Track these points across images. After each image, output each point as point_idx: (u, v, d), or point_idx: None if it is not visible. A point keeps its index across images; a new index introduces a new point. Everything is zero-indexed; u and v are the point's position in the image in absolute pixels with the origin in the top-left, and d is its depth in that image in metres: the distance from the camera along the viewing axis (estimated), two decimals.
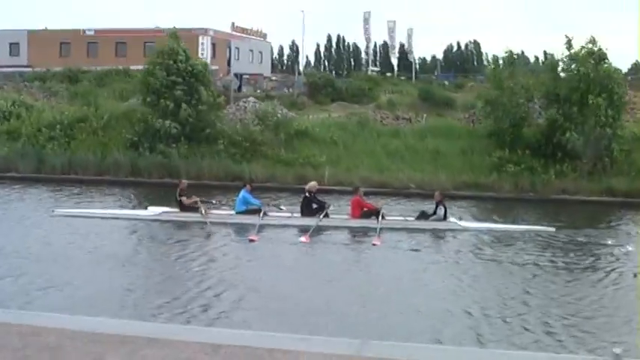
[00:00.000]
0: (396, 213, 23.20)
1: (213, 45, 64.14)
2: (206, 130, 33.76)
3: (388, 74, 66.60)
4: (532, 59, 76.50)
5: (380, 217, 20.86)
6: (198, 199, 22.16)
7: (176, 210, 22.14)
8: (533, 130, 32.73)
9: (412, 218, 21.81)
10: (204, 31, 63.06)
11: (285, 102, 43.17)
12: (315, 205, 21.50)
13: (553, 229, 21.51)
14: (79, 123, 35.45)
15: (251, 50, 77.58)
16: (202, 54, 55.83)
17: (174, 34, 35.42)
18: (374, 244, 18.99)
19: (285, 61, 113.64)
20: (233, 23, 75.11)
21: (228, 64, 70.79)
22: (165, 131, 33.11)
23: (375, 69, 76.32)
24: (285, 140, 33.69)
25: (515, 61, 33.83)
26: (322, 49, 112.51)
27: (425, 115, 37.40)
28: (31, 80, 51.73)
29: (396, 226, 21.26)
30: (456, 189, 29.91)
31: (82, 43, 70.34)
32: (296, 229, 20.79)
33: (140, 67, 48.87)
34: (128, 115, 35.95)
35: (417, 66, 78.45)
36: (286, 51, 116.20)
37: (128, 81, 48.30)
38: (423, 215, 21.68)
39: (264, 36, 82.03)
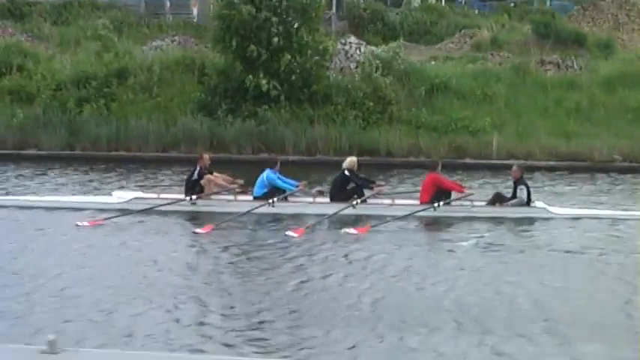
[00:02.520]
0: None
1: None
2: (312, 87, 23.84)
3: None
4: None
5: (440, 202, 15.34)
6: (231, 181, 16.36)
7: (152, 195, 16.43)
8: None
9: (482, 203, 15.91)
10: None
11: None
12: (351, 185, 16.09)
13: None
14: (116, 78, 24.97)
15: None
16: None
17: None
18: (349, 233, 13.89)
19: None
20: None
21: None
22: (261, 92, 23.10)
23: None
24: (422, 97, 24.10)
25: None
26: None
27: (574, 58, 27.95)
28: None
29: (458, 213, 15.51)
30: None
31: None
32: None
33: None
34: (187, 64, 25.71)
35: None
36: None
37: (99, 16, 36.27)
38: (497, 199, 16.00)
39: None
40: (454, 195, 15.69)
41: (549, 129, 23.00)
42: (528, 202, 15.70)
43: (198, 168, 16.15)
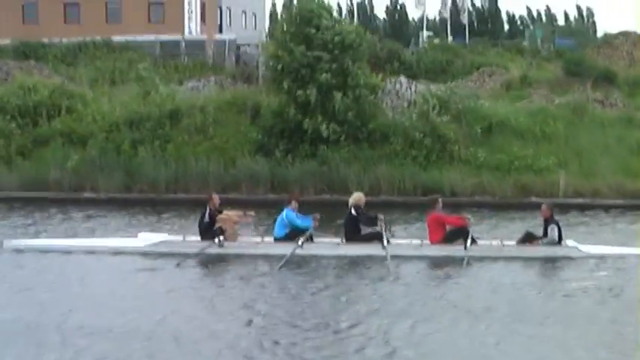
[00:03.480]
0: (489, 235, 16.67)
1: (203, 5, 48.49)
2: (369, 125, 23.66)
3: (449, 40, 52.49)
4: None
5: (469, 241, 15.05)
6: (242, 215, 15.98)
7: (178, 238, 15.82)
8: None
9: (512, 242, 15.67)
10: None
11: None
12: (362, 226, 15.58)
13: None
14: (169, 119, 24.75)
15: (244, 12, 58.27)
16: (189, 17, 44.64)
17: None
18: None
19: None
20: None
21: (220, 29, 53.03)
22: (318, 134, 22.90)
23: (429, 33, 61.81)
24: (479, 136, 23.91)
25: None
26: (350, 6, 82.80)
27: (616, 95, 27.81)
28: None
29: (490, 253, 15.14)
30: None
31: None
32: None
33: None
34: (238, 105, 25.52)
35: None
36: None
37: (117, 58, 36.10)
38: (528, 238, 15.66)
39: None
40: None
41: (612, 167, 22.76)
42: (560, 241, 15.42)
43: (208, 210, 15.71)
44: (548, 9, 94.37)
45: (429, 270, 14.67)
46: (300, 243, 14.80)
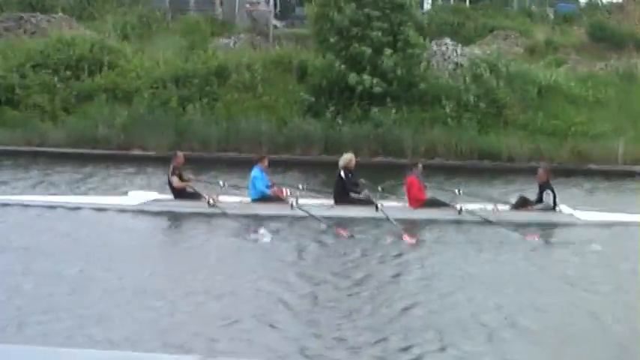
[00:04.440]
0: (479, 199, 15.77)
1: None
2: (419, 86, 23.29)
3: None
4: None
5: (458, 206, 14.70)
6: (192, 178, 16.10)
7: (169, 197, 15.52)
8: None
9: (506, 207, 15.21)
10: None
11: None
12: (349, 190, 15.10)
13: None
14: (216, 76, 24.30)
15: None
16: None
17: None
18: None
19: None
20: None
21: None
22: (364, 90, 22.54)
23: None
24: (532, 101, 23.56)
25: None
26: None
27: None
28: None
29: (484, 217, 14.50)
30: None
31: None
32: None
33: None
34: (284, 64, 25.07)
35: None
36: None
37: (125, 12, 34.68)
38: (522, 203, 15.22)
39: None
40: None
41: None
42: (554, 207, 15.06)
43: (172, 168, 15.52)
44: None
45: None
46: (292, 204, 14.62)
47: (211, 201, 14.87)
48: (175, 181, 15.40)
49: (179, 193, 15.43)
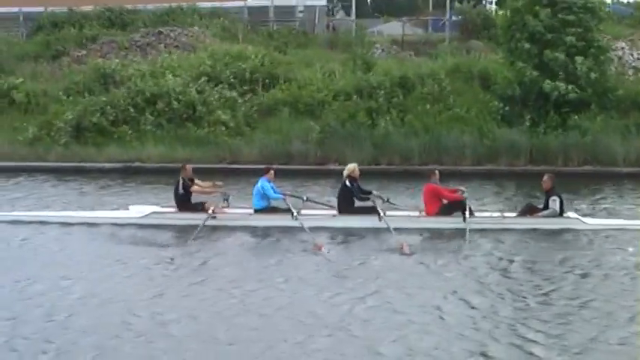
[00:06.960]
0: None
1: None
2: (616, 92, 22.55)
3: None
4: None
5: (467, 213, 14.57)
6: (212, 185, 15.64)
7: (170, 209, 15.45)
8: None
9: (513, 214, 15.25)
10: None
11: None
12: (356, 198, 15.17)
13: None
14: (400, 88, 23.83)
15: None
16: None
17: None
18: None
19: None
20: None
21: None
22: (560, 97, 21.85)
23: None
24: None
25: None
26: None
27: None
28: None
29: (490, 225, 14.66)
30: None
31: None
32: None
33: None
34: (464, 73, 24.51)
35: None
36: None
37: (206, 24, 33.18)
38: (528, 210, 15.24)
39: None
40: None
41: None
42: (561, 213, 14.90)
43: (181, 180, 15.17)
44: None
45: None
46: (294, 215, 14.53)
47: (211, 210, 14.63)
48: (196, 188, 15.18)
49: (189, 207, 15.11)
